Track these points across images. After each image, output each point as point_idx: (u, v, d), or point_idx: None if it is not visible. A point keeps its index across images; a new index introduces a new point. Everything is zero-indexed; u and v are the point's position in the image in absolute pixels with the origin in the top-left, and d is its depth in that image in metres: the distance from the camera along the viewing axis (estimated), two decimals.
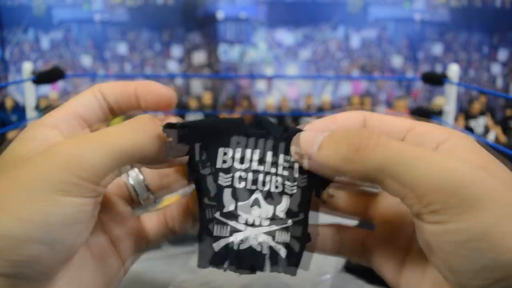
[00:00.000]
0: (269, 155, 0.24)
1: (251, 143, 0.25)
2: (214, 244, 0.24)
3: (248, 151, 0.24)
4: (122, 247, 0.26)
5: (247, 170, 0.24)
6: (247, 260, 0.24)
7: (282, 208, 0.24)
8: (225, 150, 0.24)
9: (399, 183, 0.19)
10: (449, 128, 0.22)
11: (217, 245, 0.24)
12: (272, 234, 0.24)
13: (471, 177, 0.18)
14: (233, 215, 0.24)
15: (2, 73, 4.84)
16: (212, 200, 0.24)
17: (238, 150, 0.24)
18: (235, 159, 0.24)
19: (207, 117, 0.26)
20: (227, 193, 0.24)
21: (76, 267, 0.23)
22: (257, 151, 0.25)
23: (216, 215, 0.24)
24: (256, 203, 0.24)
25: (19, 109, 4.10)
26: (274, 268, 0.24)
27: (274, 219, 0.24)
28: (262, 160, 0.24)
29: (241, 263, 0.24)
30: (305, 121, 0.25)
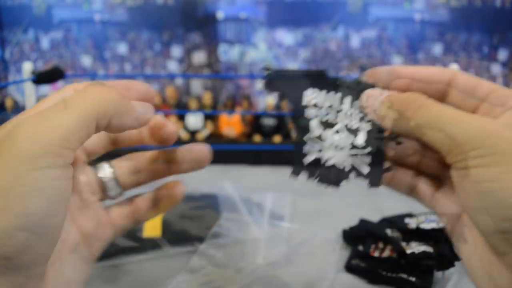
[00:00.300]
0: (348, 100, 0.30)
1: (332, 90, 0.31)
2: (305, 159, 0.30)
3: (330, 94, 0.31)
4: (92, 239, 0.27)
5: (330, 109, 0.31)
6: (333, 175, 0.30)
7: (361, 138, 0.30)
8: (311, 92, 0.31)
9: (437, 137, 0.23)
10: None
11: (307, 160, 0.30)
12: (354, 157, 0.30)
13: (495, 131, 0.22)
14: (320, 139, 0.30)
15: (2, 73, 4.84)
16: (303, 129, 0.31)
17: (322, 93, 0.31)
18: (319, 100, 0.31)
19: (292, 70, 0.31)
20: (315, 123, 0.31)
21: (58, 264, 0.24)
22: (338, 95, 0.30)
23: (305, 138, 0.30)
24: (339, 131, 0.30)
25: (19, 109, 4.10)
26: (358, 178, 0.29)
27: (355, 147, 0.30)
28: (342, 103, 0.30)
29: (328, 177, 0.30)
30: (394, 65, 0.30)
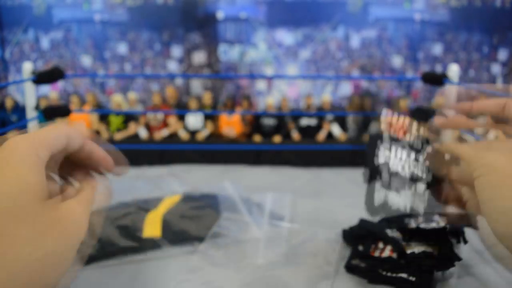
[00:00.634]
0: (412, 157, 0.41)
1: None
2: (375, 201, 0.41)
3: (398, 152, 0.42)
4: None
5: (398, 161, 0.41)
6: (395, 215, 0.42)
7: (422, 185, 0.39)
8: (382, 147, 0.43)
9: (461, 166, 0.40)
10: None
11: (377, 201, 0.41)
12: (413, 200, 0.39)
13: (474, 157, 0.35)
14: (388, 185, 0.41)
15: (2, 73, 4.84)
16: (376, 177, 0.43)
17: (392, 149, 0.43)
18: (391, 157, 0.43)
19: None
20: (385, 172, 0.41)
21: None
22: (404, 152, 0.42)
23: (377, 185, 0.41)
24: (403, 179, 0.40)
25: (19, 109, 4.10)
26: (414, 215, 0.44)
27: (416, 193, 0.39)
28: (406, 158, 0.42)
29: (390, 217, 0.44)
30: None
